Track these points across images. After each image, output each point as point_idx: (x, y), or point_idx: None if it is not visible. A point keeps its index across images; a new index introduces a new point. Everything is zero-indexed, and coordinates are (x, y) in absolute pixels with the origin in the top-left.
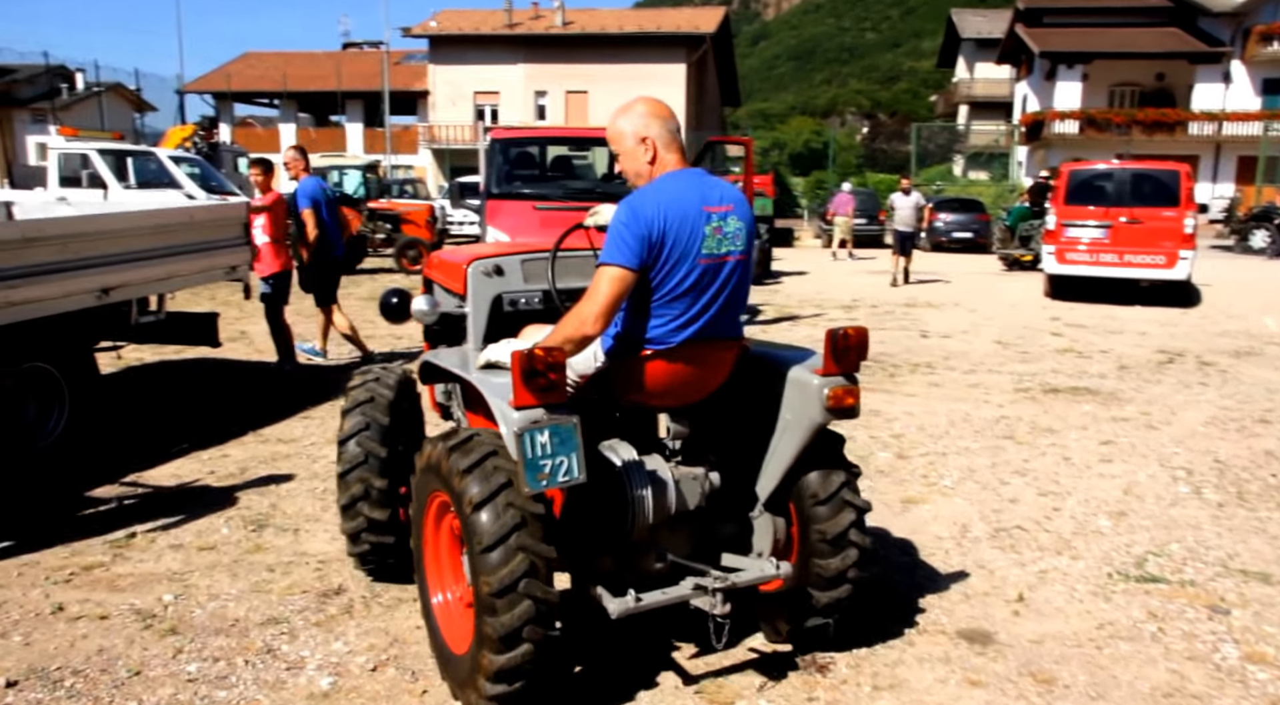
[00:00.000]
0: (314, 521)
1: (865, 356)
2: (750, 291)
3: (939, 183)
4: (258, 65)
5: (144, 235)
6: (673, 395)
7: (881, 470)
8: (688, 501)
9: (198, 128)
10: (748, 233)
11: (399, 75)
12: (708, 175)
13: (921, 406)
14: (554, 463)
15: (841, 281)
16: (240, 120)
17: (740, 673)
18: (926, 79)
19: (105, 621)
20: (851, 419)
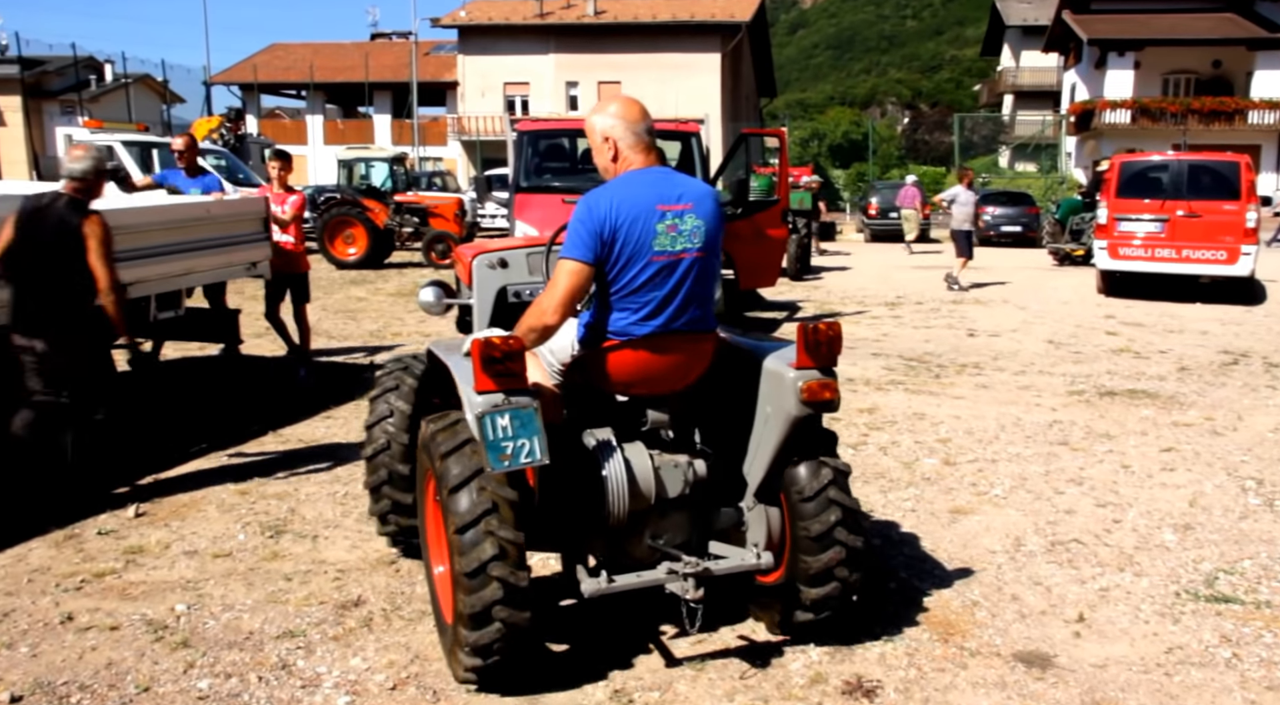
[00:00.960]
0: (333, 528)
1: (839, 350)
2: (716, 287)
3: (985, 175)
4: (285, 57)
5: (162, 230)
6: (644, 385)
7: (928, 477)
8: (667, 489)
9: (224, 119)
10: (708, 231)
11: (428, 66)
12: (674, 174)
13: (969, 410)
14: (515, 444)
15: (886, 276)
16: (268, 112)
17: (780, 696)
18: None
19: (115, 632)
20: (830, 412)
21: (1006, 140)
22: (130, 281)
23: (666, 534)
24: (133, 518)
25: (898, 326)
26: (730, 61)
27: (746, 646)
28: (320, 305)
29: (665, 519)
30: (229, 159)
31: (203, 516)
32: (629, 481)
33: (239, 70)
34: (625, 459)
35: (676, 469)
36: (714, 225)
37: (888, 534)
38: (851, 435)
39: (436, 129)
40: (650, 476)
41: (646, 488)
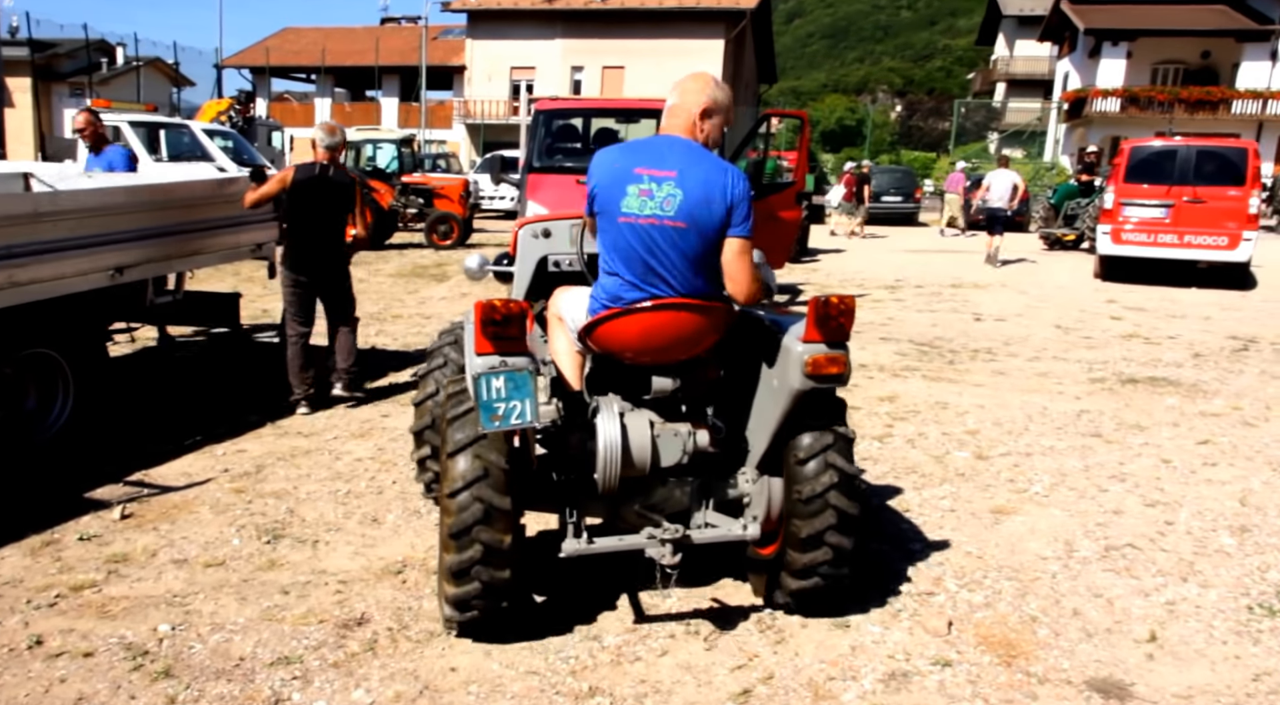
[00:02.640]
0: (335, 531)
1: (851, 325)
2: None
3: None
4: (296, 40)
5: (164, 210)
6: (645, 353)
7: (961, 473)
8: (663, 458)
9: (234, 102)
10: (686, 204)
11: (436, 50)
12: (685, 145)
13: (992, 398)
14: (507, 406)
15: (882, 260)
16: (277, 95)
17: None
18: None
19: (89, 660)
20: (838, 386)
21: (998, 127)
22: (127, 264)
23: (665, 502)
24: (118, 520)
25: (902, 310)
26: (733, 48)
27: (793, 674)
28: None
29: (664, 487)
30: (236, 141)
31: (195, 519)
32: (623, 448)
33: (250, 54)
34: (622, 426)
35: (676, 438)
36: (697, 200)
37: (929, 538)
38: (875, 426)
39: (442, 112)
40: (646, 444)
41: (641, 455)
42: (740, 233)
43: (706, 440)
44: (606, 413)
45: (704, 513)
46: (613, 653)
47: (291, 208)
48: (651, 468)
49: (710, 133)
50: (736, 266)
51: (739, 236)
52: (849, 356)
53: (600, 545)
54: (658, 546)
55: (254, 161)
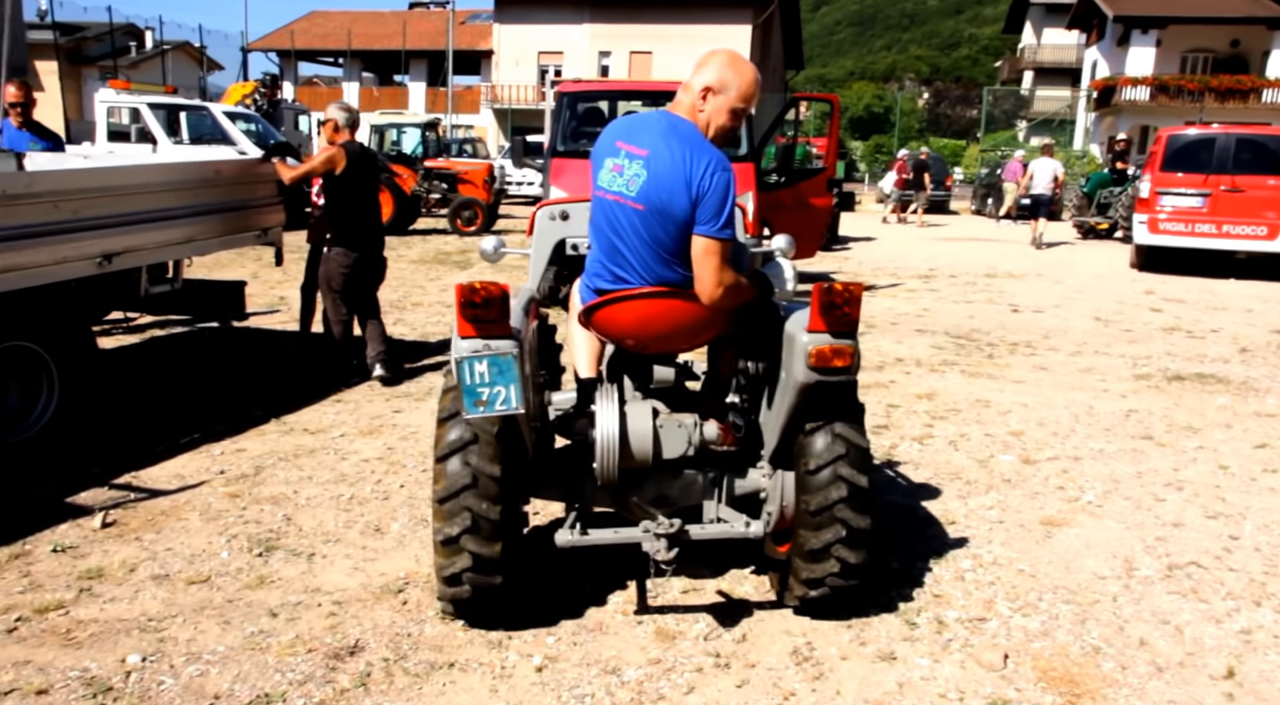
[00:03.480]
0: (334, 542)
1: (858, 314)
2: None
3: (1004, 148)
4: (323, 24)
5: (157, 193)
6: (643, 342)
7: (1008, 479)
8: (666, 449)
9: (259, 85)
10: (651, 186)
11: (464, 35)
12: (667, 119)
13: (1034, 396)
14: (491, 391)
15: (914, 248)
16: (306, 79)
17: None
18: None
19: (43, 699)
20: (845, 378)
21: (1027, 115)
22: (118, 250)
23: (675, 494)
24: (98, 529)
25: (937, 301)
26: (760, 34)
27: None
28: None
29: (672, 479)
30: (260, 124)
31: (183, 527)
32: (621, 439)
33: (277, 37)
34: (623, 415)
35: (680, 429)
36: (661, 184)
37: (978, 554)
38: (915, 425)
39: (470, 97)
40: (647, 435)
41: (641, 447)
42: (707, 231)
43: (715, 433)
44: (606, 401)
45: (717, 507)
46: (633, 690)
47: (347, 186)
48: (654, 459)
49: (712, 114)
50: (700, 267)
51: (705, 235)
52: (857, 348)
53: (594, 537)
54: (653, 541)
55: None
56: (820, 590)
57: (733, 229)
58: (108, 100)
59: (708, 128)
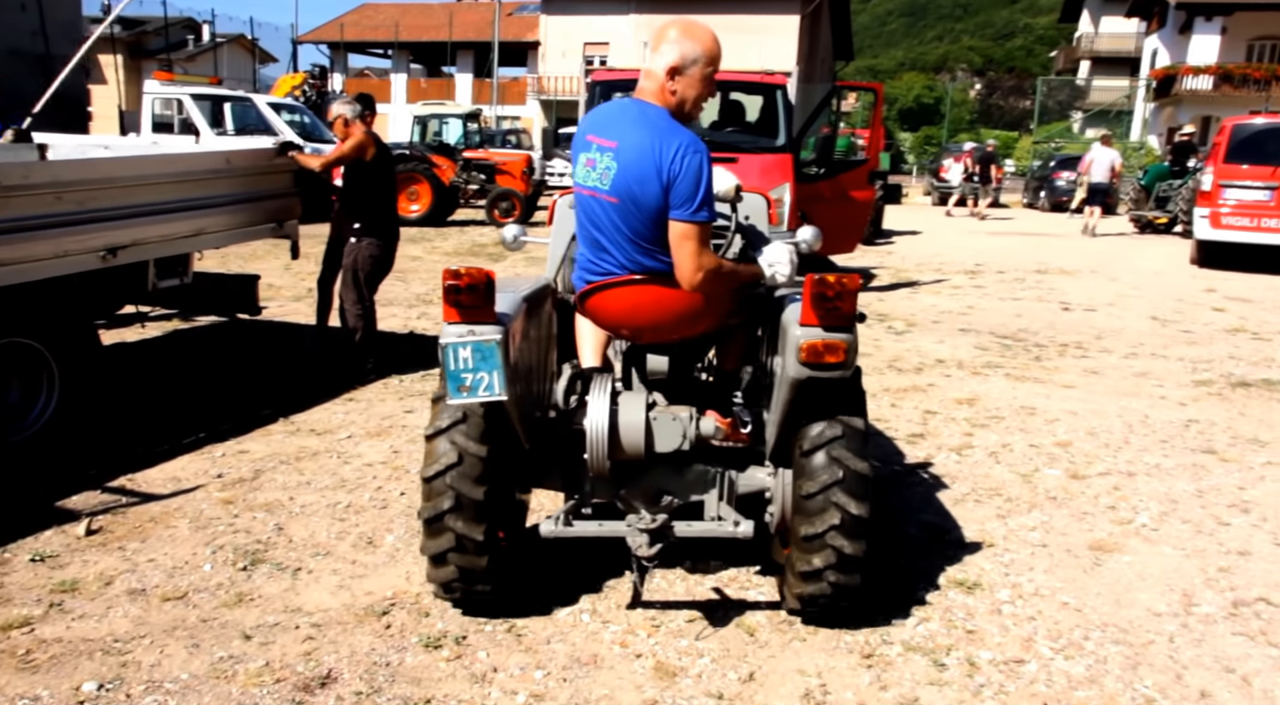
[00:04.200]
0: (323, 556)
1: (852, 308)
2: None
3: (1058, 140)
4: (374, 16)
5: (163, 184)
6: (639, 331)
7: (1054, 496)
8: (659, 443)
9: (308, 77)
10: (621, 178)
11: (511, 26)
12: (634, 107)
13: (1084, 402)
14: (475, 377)
15: (960, 242)
16: (358, 71)
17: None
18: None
19: None
20: (839, 374)
21: (1082, 106)
22: (123, 244)
23: (672, 489)
24: (82, 537)
25: (983, 298)
26: (809, 23)
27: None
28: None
29: (674, 474)
30: (306, 115)
31: (169, 536)
32: (611, 430)
33: (327, 29)
34: (614, 406)
35: (675, 422)
36: (631, 174)
37: (1018, 582)
38: (953, 434)
39: (517, 88)
40: (639, 428)
41: (632, 439)
42: (682, 215)
43: (712, 428)
44: (598, 391)
45: (719, 505)
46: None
47: (376, 174)
48: (648, 452)
49: (685, 91)
50: (676, 252)
51: (680, 220)
52: (853, 343)
53: (579, 529)
54: (637, 535)
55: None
56: (818, 585)
57: (709, 211)
58: (152, 91)
59: (684, 106)
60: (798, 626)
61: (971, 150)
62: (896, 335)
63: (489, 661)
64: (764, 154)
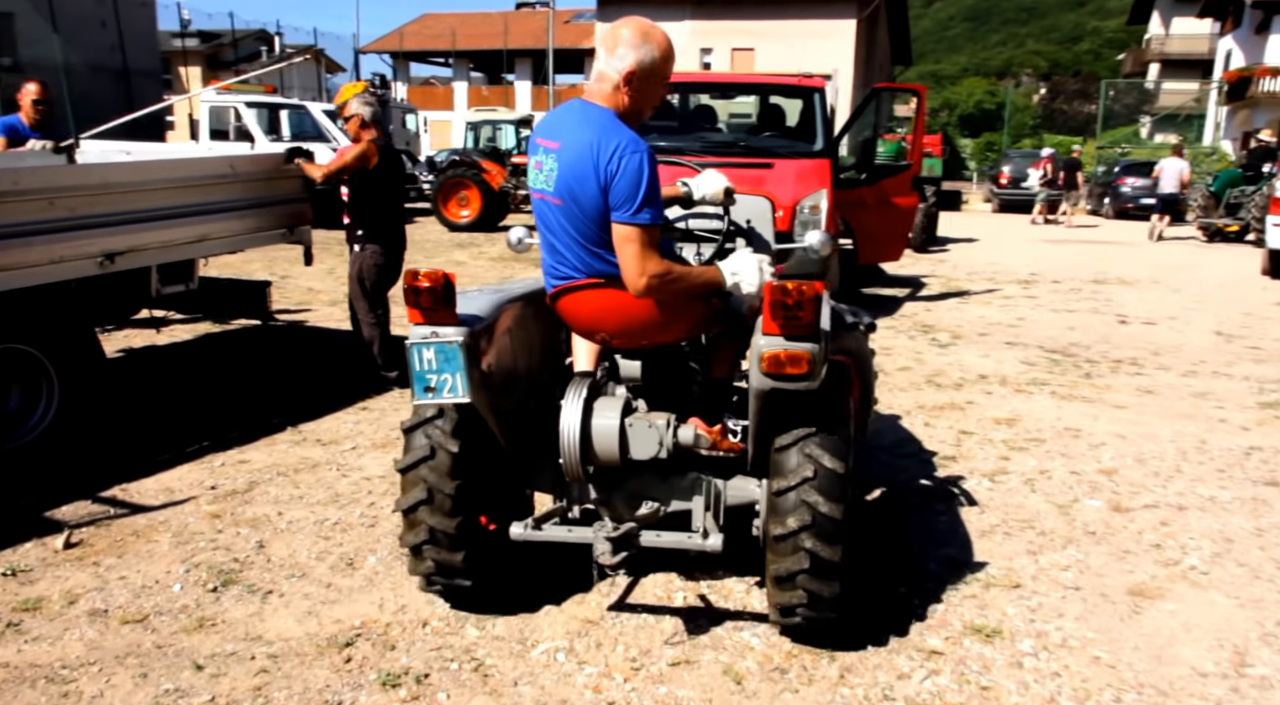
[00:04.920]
0: (299, 577)
1: (812, 316)
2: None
3: (1125, 145)
4: (434, 25)
5: (164, 190)
6: (611, 336)
7: (1092, 531)
8: (634, 449)
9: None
10: (564, 178)
11: (568, 34)
12: (579, 109)
13: (1135, 425)
14: (439, 378)
15: (1017, 250)
16: (423, 79)
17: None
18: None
19: None
20: (804, 386)
21: (1150, 110)
22: (121, 249)
23: (657, 498)
24: (61, 550)
25: (1034, 309)
26: (865, 28)
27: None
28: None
29: (660, 482)
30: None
31: (148, 551)
32: (584, 435)
33: (389, 39)
34: (587, 411)
35: (650, 430)
36: (572, 175)
37: (1044, 630)
38: (989, 458)
39: (573, 94)
40: (612, 433)
41: (605, 444)
42: (622, 217)
43: (691, 436)
44: (572, 395)
45: (705, 516)
46: None
47: (381, 182)
48: (623, 459)
49: (639, 97)
50: (620, 256)
51: (620, 222)
52: (818, 353)
53: (548, 533)
54: (601, 543)
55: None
56: (793, 592)
57: (652, 213)
58: (209, 100)
59: (638, 110)
60: (790, 676)
61: (1050, 156)
62: (940, 348)
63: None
64: (800, 159)
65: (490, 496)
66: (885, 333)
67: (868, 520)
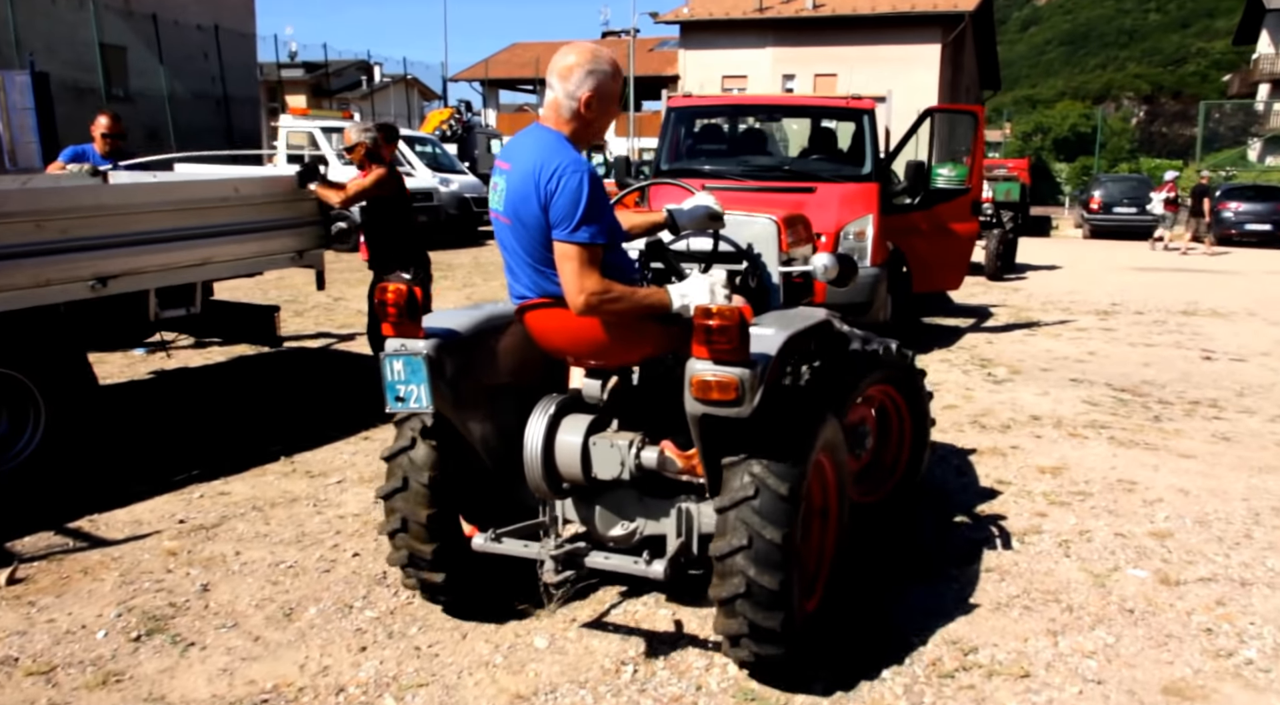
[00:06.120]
0: (229, 628)
1: (736, 342)
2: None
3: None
4: (522, 55)
5: (161, 213)
6: (578, 358)
7: (1129, 608)
8: (597, 469)
9: (454, 112)
10: (512, 197)
11: (651, 61)
12: (533, 131)
13: (1202, 478)
14: (407, 389)
15: (1101, 279)
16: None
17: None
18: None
19: None
20: (734, 412)
21: (1259, 132)
22: (114, 273)
23: (631, 518)
24: (3, 586)
25: (1109, 342)
26: (950, 53)
27: None
28: (466, 294)
29: (635, 503)
30: (438, 147)
31: (90, 591)
32: (546, 453)
33: (478, 68)
34: (550, 430)
35: (612, 450)
36: (517, 194)
37: None
38: (1023, 513)
39: (656, 121)
40: (573, 453)
41: (567, 463)
42: (560, 235)
43: (655, 458)
44: (539, 413)
45: (676, 540)
46: None
47: (403, 210)
48: (588, 478)
49: (594, 120)
50: (560, 274)
51: (559, 240)
52: (748, 378)
53: (506, 547)
54: (547, 560)
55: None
56: (735, 620)
57: (593, 232)
58: (286, 125)
59: (592, 132)
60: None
61: (1174, 180)
62: (995, 384)
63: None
64: (846, 183)
65: (480, 511)
66: (937, 366)
67: (860, 582)
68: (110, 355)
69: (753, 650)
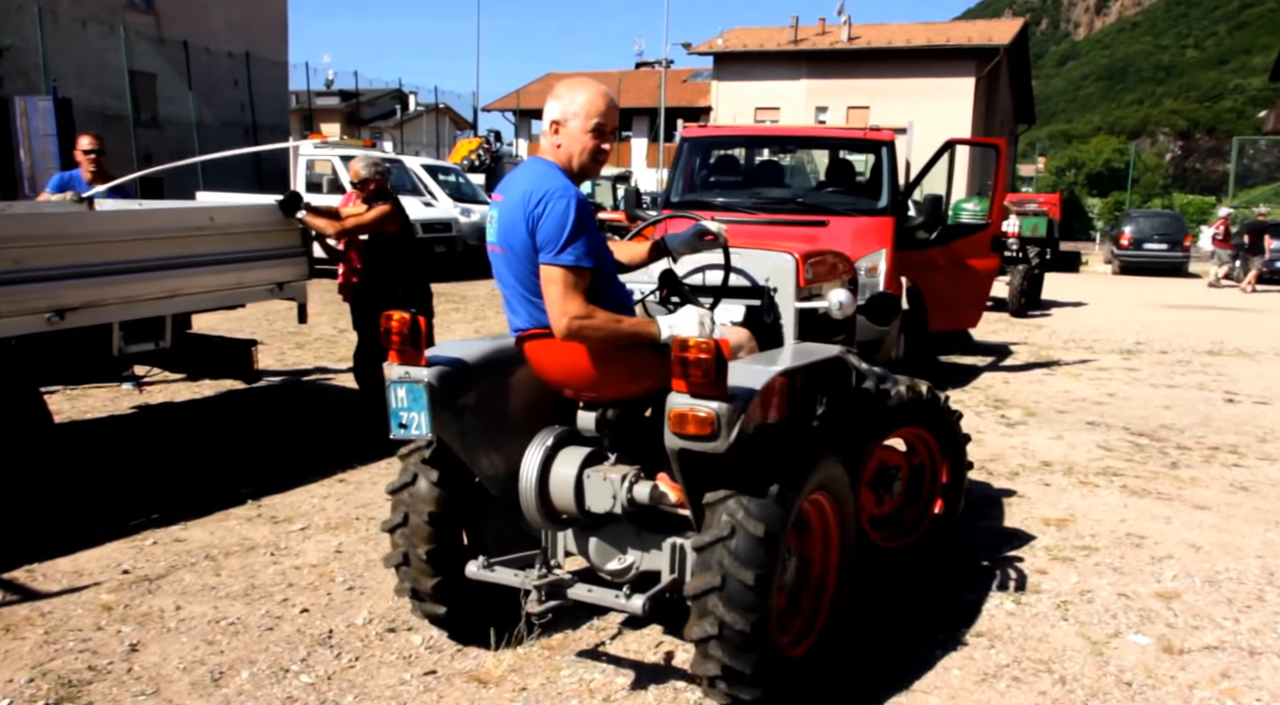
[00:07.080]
0: (146, 696)
1: (713, 375)
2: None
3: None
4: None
5: (125, 242)
6: (577, 390)
7: (1127, 680)
8: (590, 502)
9: (483, 141)
10: (502, 227)
11: (684, 92)
12: (531, 167)
13: (1216, 532)
14: (409, 416)
15: (1128, 316)
16: None
17: None
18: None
19: None
20: (711, 447)
21: None
22: (73, 305)
23: (628, 552)
24: None
25: (1130, 383)
26: (985, 86)
27: None
28: (475, 328)
29: (634, 536)
30: (461, 177)
31: (7, 651)
32: (538, 487)
33: (511, 98)
34: (546, 461)
35: (605, 483)
36: (507, 223)
37: None
38: (1022, 570)
39: None
40: (567, 485)
41: (561, 495)
42: (545, 258)
43: (649, 492)
44: (536, 444)
45: (671, 574)
46: None
47: (406, 247)
48: (581, 511)
49: (569, 143)
50: (545, 296)
51: (545, 263)
52: (724, 413)
53: (497, 575)
54: (530, 590)
55: (473, 196)
56: (709, 663)
57: (578, 255)
58: (306, 153)
59: (571, 159)
60: None
61: (1226, 217)
62: (1007, 427)
63: None
64: (860, 216)
65: (485, 540)
66: None
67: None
68: (96, 389)
69: (727, 693)
